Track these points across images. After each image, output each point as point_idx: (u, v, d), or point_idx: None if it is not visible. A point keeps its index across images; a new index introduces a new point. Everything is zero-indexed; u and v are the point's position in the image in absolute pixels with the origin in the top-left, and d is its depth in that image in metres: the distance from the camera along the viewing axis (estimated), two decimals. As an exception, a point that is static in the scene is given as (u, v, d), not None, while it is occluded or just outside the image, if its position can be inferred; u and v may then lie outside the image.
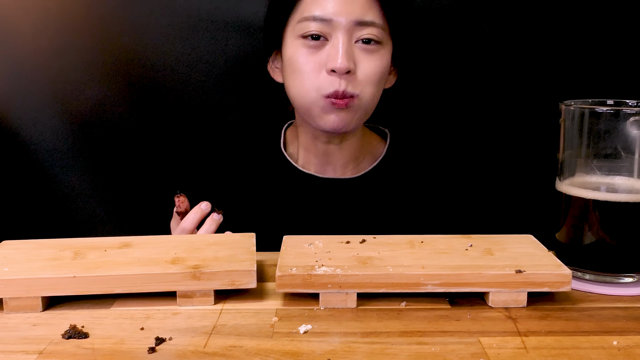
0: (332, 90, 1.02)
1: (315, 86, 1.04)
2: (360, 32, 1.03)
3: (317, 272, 0.79)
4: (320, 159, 1.15)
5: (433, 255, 0.85)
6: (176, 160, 1.31)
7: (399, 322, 0.76)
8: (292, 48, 1.06)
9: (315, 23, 1.03)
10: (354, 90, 1.03)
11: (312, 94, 1.04)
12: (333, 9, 1.02)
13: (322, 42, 1.04)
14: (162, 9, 1.25)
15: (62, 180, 1.30)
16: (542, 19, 1.26)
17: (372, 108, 1.09)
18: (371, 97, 1.06)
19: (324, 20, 1.02)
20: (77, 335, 0.72)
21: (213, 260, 0.82)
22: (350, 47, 1.03)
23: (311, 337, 0.73)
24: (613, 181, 0.87)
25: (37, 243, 0.90)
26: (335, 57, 1.01)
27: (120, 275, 0.79)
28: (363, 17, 1.03)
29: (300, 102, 1.07)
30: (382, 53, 1.06)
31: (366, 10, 1.03)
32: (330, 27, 1.03)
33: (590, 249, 0.87)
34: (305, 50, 1.04)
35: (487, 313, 0.78)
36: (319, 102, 1.04)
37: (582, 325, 0.76)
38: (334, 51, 1.02)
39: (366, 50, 1.04)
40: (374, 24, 1.04)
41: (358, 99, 1.04)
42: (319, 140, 1.13)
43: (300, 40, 1.05)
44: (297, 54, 1.05)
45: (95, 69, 1.27)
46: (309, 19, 1.03)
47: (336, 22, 1.02)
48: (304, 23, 1.04)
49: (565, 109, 0.88)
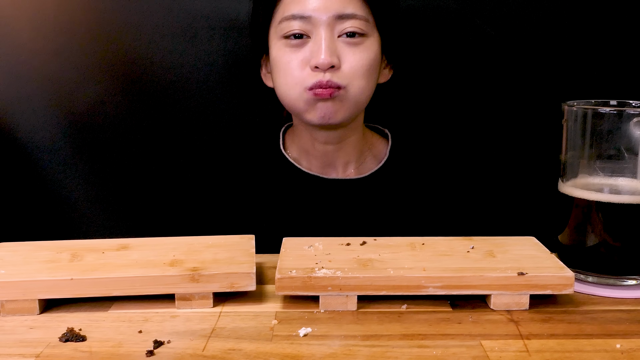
0: (316, 81, 1.02)
1: (299, 82, 1.04)
2: (342, 25, 1.03)
3: (317, 274, 0.79)
4: (321, 160, 1.15)
5: (434, 258, 0.84)
6: (175, 162, 1.31)
7: (400, 325, 0.76)
8: (276, 49, 1.06)
9: (296, 21, 1.03)
10: (340, 81, 1.03)
11: (296, 88, 1.04)
12: (312, 6, 1.02)
13: (305, 40, 1.04)
14: (161, 10, 1.25)
15: (59, 182, 1.30)
16: (545, 19, 1.26)
17: (364, 101, 1.08)
18: (360, 90, 1.05)
19: (303, 17, 1.02)
20: (75, 338, 0.72)
21: (212, 263, 0.82)
22: (332, 43, 1.02)
23: (311, 340, 0.72)
24: (616, 182, 0.87)
25: (34, 245, 0.89)
26: (318, 53, 1.01)
27: (118, 278, 0.78)
28: (343, 10, 1.02)
29: (287, 100, 1.08)
30: (368, 45, 1.05)
31: (346, 4, 1.03)
32: (311, 24, 1.03)
33: (593, 251, 0.87)
34: (288, 50, 1.05)
35: (489, 316, 0.78)
36: (302, 95, 1.04)
37: (584, 328, 0.75)
38: (316, 47, 1.02)
39: (350, 43, 1.04)
40: (356, 16, 1.03)
41: (345, 91, 1.03)
42: (317, 141, 1.13)
43: (283, 40, 1.05)
44: (280, 54, 1.05)
45: (93, 69, 1.26)
46: (289, 18, 1.03)
47: (316, 18, 1.02)
48: (285, 23, 1.04)
49: (567, 110, 0.88)
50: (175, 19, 1.26)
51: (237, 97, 1.29)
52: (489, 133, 1.31)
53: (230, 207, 1.15)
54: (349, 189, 1.14)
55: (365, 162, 1.17)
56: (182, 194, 1.28)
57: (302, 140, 1.15)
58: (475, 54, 1.27)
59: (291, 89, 1.05)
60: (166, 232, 1.08)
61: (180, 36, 1.26)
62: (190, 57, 1.27)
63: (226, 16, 1.26)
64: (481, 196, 1.23)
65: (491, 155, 1.31)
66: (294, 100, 1.06)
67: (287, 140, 1.19)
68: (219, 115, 1.30)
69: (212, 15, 1.26)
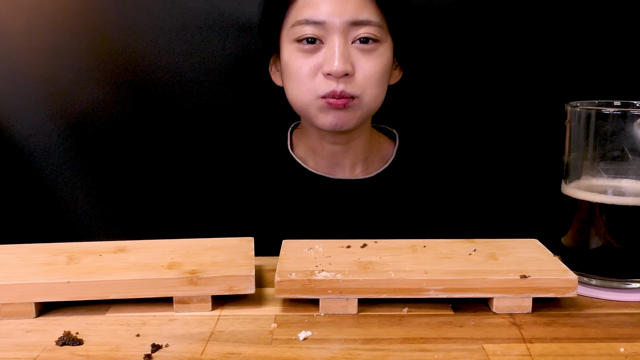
0: (329, 90, 1.01)
1: (311, 89, 1.03)
2: (356, 32, 1.02)
3: (317, 277, 0.78)
4: (328, 160, 1.14)
5: (436, 260, 0.84)
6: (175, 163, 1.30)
7: (401, 329, 0.75)
8: (287, 52, 1.06)
9: (309, 26, 1.02)
10: (354, 91, 1.02)
11: (308, 96, 1.04)
12: (326, 11, 1.01)
13: (318, 45, 1.03)
14: (159, 9, 1.25)
15: (56, 183, 1.29)
16: (549, 19, 1.25)
17: (376, 107, 1.08)
18: (374, 98, 1.05)
19: (317, 23, 1.01)
20: (72, 342, 0.72)
21: (210, 265, 0.81)
22: (346, 49, 1.02)
23: (311, 343, 0.72)
24: (620, 184, 0.86)
25: (31, 247, 0.89)
26: (332, 60, 1.00)
27: (115, 281, 0.78)
28: (357, 16, 1.02)
29: (297, 105, 1.07)
30: (381, 51, 1.05)
31: (360, 9, 1.02)
32: (325, 29, 1.02)
33: (597, 254, 0.86)
34: (300, 55, 1.04)
35: (491, 319, 0.78)
36: (315, 103, 1.04)
37: (588, 332, 0.75)
38: (329, 54, 1.01)
39: (364, 50, 1.03)
40: (370, 22, 1.02)
41: (359, 100, 1.03)
42: (326, 141, 1.12)
43: (295, 44, 1.04)
44: (292, 58, 1.05)
45: (91, 69, 1.26)
46: (302, 22, 1.02)
47: (330, 24, 1.01)
48: (298, 27, 1.03)
49: (571, 110, 0.88)
50: (173, 18, 1.25)
51: (238, 96, 1.29)
52: (492, 134, 1.31)
53: (236, 206, 1.15)
54: (355, 189, 1.14)
55: (372, 163, 1.16)
56: (182, 195, 1.28)
57: (310, 140, 1.15)
58: (477, 54, 1.27)
59: (303, 95, 1.04)
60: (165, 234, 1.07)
61: (178, 36, 1.25)
62: (189, 56, 1.26)
63: (227, 15, 1.25)
64: (484, 197, 1.23)
65: (493, 155, 1.30)
66: (306, 106, 1.05)
67: (294, 140, 1.19)
68: (220, 115, 1.29)
69: (210, 15, 1.25)
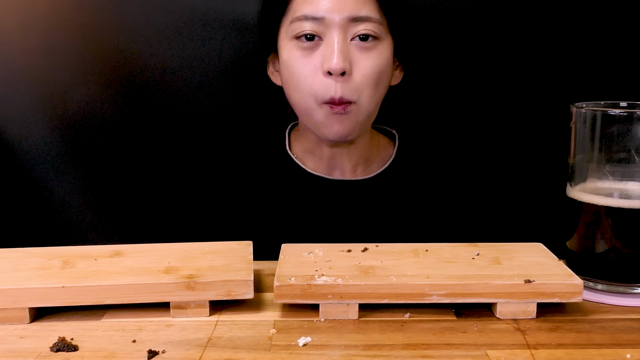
0: (329, 97, 1.01)
1: (312, 92, 1.02)
2: (355, 28, 1.01)
3: (316, 282, 0.78)
4: (327, 162, 1.14)
5: (438, 265, 0.84)
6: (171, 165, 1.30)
7: (403, 335, 0.75)
8: (286, 50, 1.05)
9: (308, 22, 1.01)
10: (351, 96, 1.02)
11: (310, 101, 1.03)
12: (325, 7, 1.01)
13: (317, 42, 1.02)
14: (155, 8, 1.24)
15: (50, 185, 1.29)
16: (553, 20, 1.25)
17: (376, 109, 1.08)
18: (370, 100, 1.04)
19: (316, 19, 1.01)
20: (66, 348, 0.71)
21: (208, 270, 0.81)
22: (345, 46, 1.01)
23: (311, 350, 0.71)
24: (626, 187, 0.86)
25: (24, 252, 0.89)
26: (330, 57, 1.00)
27: (111, 286, 0.78)
28: (357, 12, 1.01)
29: (301, 110, 1.07)
30: (381, 49, 1.04)
31: (360, 6, 1.01)
32: (324, 25, 1.01)
33: (603, 258, 0.86)
34: (300, 53, 1.03)
35: (495, 325, 0.77)
36: (318, 110, 1.03)
37: (594, 338, 0.74)
38: (328, 51, 1.01)
39: (363, 47, 1.02)
40: (370, 18, 1.02)
41: (356, 105, 1.03)
42: (324, 143, 1.12)
43: (294, 41, 1.04)
44: (292, 57, 1.04)
45: (86, 69, 1.25)
46: (301, 18, 1.02)
47: (329, 20, 1.01)
48: (296, 23, 1.03)
49: (576, 112, 0.87)
50: (170, 17, 1.25)
51: (235, 97, 1.28)
52: (496, 135, 1.30)
53: (234, 208, 1.15)
54: (355, 190, 1.13)
55: (372, 164, 1.16)
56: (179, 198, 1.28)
57: (308, 140, 1.14)
58: (481, 54, 1.27)
59: (306, 100, 1.04)
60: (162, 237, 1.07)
61: (174, 35, 1.25)
62: (185, 57, 1.26)
63: (222, 15, 1.25)
64: (487, 200, 1.22)
65: (497, 157, 1.30)
66: (310, 112, 1.05)
67: (293, 140, 1.18)
68: (216, 116, 1.29)
69: (207, 14, 1.25)
